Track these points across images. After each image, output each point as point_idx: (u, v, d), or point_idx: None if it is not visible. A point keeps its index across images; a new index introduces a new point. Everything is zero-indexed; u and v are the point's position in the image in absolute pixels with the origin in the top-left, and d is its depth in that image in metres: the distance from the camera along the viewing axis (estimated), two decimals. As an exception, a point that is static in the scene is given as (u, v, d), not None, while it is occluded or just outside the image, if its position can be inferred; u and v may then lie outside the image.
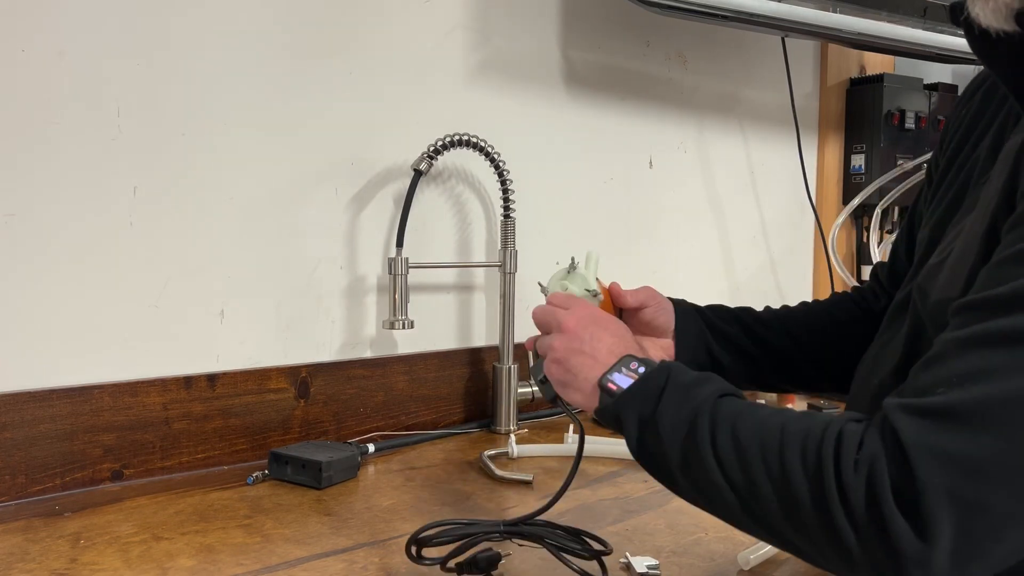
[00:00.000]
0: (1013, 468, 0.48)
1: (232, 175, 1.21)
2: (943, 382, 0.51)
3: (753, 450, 0.57)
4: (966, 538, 0.48)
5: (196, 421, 1.17)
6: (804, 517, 0.54)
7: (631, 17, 1.64)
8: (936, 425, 0.50)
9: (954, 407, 0.50)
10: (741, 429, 0.58)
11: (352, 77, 1.31)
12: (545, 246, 1.52)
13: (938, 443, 0.49)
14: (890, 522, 0.49)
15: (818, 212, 1.99)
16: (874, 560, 0.51)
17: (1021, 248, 0.53)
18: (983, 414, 0.49)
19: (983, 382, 0.50)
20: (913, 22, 1.74)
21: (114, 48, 1.11)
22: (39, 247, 1.07)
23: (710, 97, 1.81)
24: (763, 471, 0.56)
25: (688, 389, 0.64)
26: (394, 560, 0.88)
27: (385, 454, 1.27)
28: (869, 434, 0.53)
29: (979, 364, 0.50)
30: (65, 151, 1.08)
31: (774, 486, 0.55)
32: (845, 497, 0.51)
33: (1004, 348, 0.50)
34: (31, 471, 1.05)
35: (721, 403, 0.62)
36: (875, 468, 0.51)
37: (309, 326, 1.29)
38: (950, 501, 0.48)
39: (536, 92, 1.53)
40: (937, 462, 0.49)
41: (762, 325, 0.97)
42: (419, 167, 1.31)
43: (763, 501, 0.56)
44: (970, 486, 0.48)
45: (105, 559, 0.88)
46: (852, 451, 0.52)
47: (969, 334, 0.52)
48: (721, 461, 0.59)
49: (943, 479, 0.49)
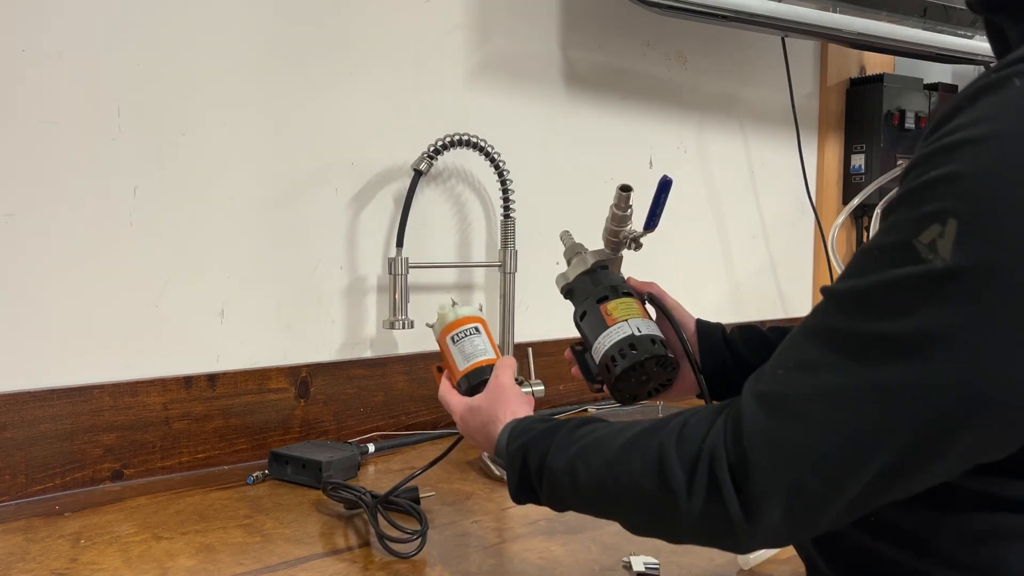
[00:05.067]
0: (822, 456, 0.52)
1: (232, 175, 1.21)
2: (783, 365, 0.56)
3: (603, 475, 0.64)
4: (792, 517, 0.54)
5: (196, 421, 1.17)
6: (655, 508, 0.60)
7: (631, 17, 1.64)
8: (767, 412, 0.55)
9: (783, 396, 0.55)
10: (593, 458, 0.66)
11: (352, 77, 1.31)
12: (545, 246, 1.52)
13: (767, 429, 0.54)
14: (727, 501, 0.55)
15: (818, 212, 1.99)
16: (711, 532, 0.58)
17: (884, 242, 0.53)
18: (799, 405, 0.54)
19: (808, 374, 0.54)
20: (913, 22, 1.74)
21: (114, 48, 1.11)
22: (39, 247, 1.07)
23: (710, 97, 1.81)
24: (614, 487, 0.63)
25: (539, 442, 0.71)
26: (395, 560, 0.88)
27: (385, 454, 1.27)
28: (718, 421, 0.58)
29: (809, 356, 0.55)
30: (65, 151, 1.08)
31: (628, 494, 0.62)
32: (690, 482, 0.57)
33: (831, 345, 0.54)
34: (31, 471, 1.05)
35: (572, 437, 0.69)
36: (716, 454, 0.56)
37: (309, 326, 1.29)
38: (774, 483, 0.53)
39: (536, 92, 1.53)
40: (766, 446, 0.54)
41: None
42: (419, 167, 1.31)
43: (623, 509, 0.64)
44: (789, 470, 0.53)
45: (105, 559, 0.88)
46: (695, 440, 0.58)
47: (814, 324, 0.56)
48: (584, 497, 0.67)
49: (768, 462, 0.54)
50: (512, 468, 0.73)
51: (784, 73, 1.88)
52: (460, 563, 0.87)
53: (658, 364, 0.86)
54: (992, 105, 0.51)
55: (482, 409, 0.82)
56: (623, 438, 0.64)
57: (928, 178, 0.52)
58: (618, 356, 0.85)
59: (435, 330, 0.96)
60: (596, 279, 0.92)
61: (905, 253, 0.51)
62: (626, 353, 0.85)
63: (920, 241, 0.50)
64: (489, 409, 0.81)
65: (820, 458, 0.53)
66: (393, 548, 0.89)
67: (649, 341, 0.85)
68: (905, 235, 0.51)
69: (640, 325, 0.86)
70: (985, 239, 0.49)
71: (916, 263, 0.50)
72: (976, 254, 0.49)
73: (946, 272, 0.49)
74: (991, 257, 0.48)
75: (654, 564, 0.86)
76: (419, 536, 0.89)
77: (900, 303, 0.51)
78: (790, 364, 0.56)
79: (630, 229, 0.93)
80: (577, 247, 0.98)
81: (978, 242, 0.49)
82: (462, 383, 0.90)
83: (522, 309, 1.49)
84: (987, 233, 0.49)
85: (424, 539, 0.90)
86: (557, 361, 0.97)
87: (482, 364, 0.90)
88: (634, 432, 0.64)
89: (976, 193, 0.49)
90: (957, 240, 0.49)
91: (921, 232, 0.50)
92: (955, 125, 0.52)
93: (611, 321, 0.87)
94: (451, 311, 0.94)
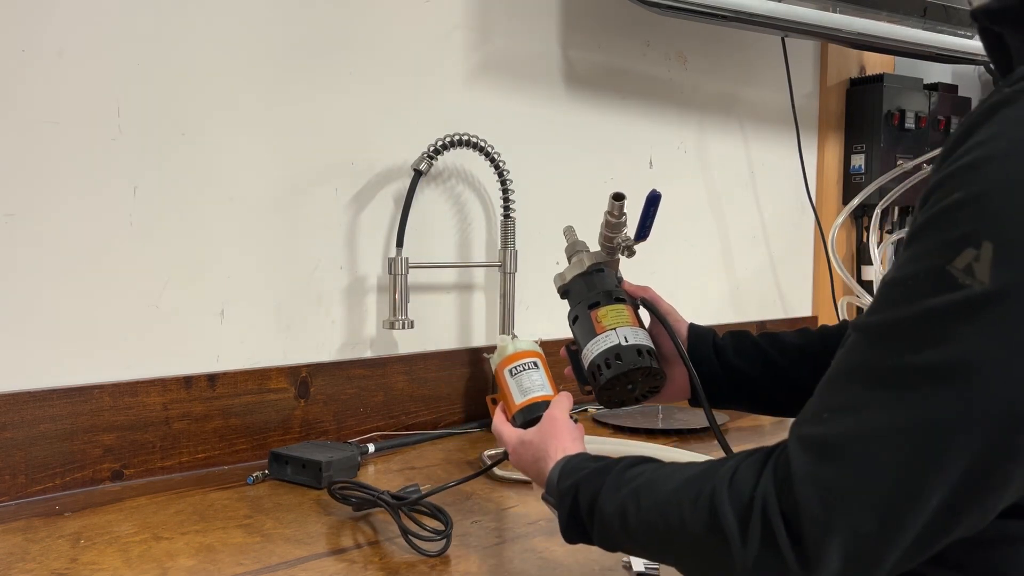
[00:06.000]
0: (876, 498, 0.51)
1: (232, 175, 1.21)
2: (827, 407, 0.55)
3: (654, 519, 0.63)
4: (854, 563, 0.52)
5: (196, 421, 1.17)
6: (708, 556, 0.59)
7: (631, 17, 1.64)
8: (815, 457, 0.53)
9: (828, 439, 0.53)
10: (644, 500, 0.65)
11: (352, 77, 1.31)
12: (545, 246, 1.52)
13: (817, 474, 0.53)
14: (783, 549, 0.53)
15: (818, 212, 1.99)
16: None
17: (915, 270, 0.52)
18: (846, 448, 0.52)
19: (851, 415, 0.53)
20: (913, 22, 1.74)
21: (114, 48, 1.11)
22: (39, 247, 1.07)
23: (710, 97, 1.81)
24: (666, 533, 0.62)
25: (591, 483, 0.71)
26: (395, 560, 0.88)
27: (385, 454, 1.27)
28: (768, 467, 0.57)
29: (850, 396, 0.54)
30: (65, 151, 1.08)
31: (680, 540, 0.61)
32: (744, 531, 0.56)
33: (871, 382, 0.52)
34: (31, 471, 1.05)
35: (623, 478, 0.68)
36: (768, 502, 0.55)
37: (309, 326, 1.29)
38: (829, 529, 0.52)
39: (536, 92, 1.53)
40: (818, 493, 0.52)
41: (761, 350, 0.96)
42: (419, 167, 1.31)
43: (676, 553, 0.63)
44: (844, 516, 0.51)
45: (105, 559, 0.88)
46: (747, 488, 0.57)
47: (850, 362, 0.55)
48: (636, 539, 0.66)
49: (821, 508, 0.52)
50: (563, 507, 0.72)
51: (784, 73, 1.88)
52: (460, 563, 0.87)
53: (643, 374, 0.87)
54: (1010, 120, 0.50)
55: (534, 444, 0.82)
56: (674, 481, 0.63)
57: (953, 201, 0.50)
58: (603, 366, 0.87)
59: (493, 361, 0.96)
60: (591, 283, 0.93)
61: (940, 280, 0.50)
62: (611, 363, 0.86)
63: (955, 267, 0.49)
64: (541, 444, 0.81)
65: (874, 500, 0.51)
66: (420, 546, 0.89)
67: (635, 352, 0.86)
68: (938, 262, 0.50)
69: (628, 334, 0.87)
70: (1023, 259, 0.48)
71: (953, 290, 0.49)
72: (1016, 274, 0.48)
73: (986, 296, 0.48)
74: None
75: (654, 565, 0.86)
76: (444, 537, 0.90)
77: (939, 332, 0.50)
78: (833, 406, 0.54)
79: (624, 235, 0.93)
80: (578, 245, 0.98)
81: (1016, 263, 0.48)
82: (517, 417, 0.91)
83: (522, 309, 1.49)
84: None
85: (449, 538, 0.90)
86: (557, 361, 0.97)
87: (538, 400, 0.90)
88: (685, 476, 0.63)
89: (1008, 211, 0.48)
90: (995, 262, 0.48)
91: (955, 257, 0.49)
92: (974, 143, 0.51)
93: (600, 329, 0.88)
94: (511, 344, 0.95)
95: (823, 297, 2.06)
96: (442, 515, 0.93)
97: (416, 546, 0.90)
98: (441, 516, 0.93)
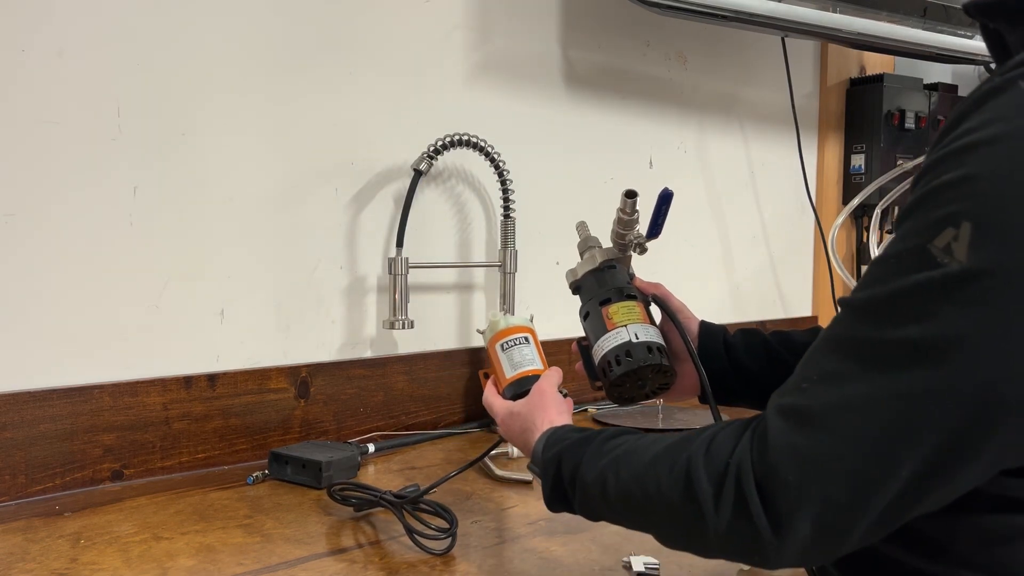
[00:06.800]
0: (849, 468, 0.52)
1: (232, 175, 1.21)
2: (807, 379, 0.56)
3: (632, 487, 0.65)
4: (824, 531, 0.53)
5: (196, 421, 1.17)
6: (683, 523, 0.60)
7: (631, 17, 1.64)
8: (793, 425, 0.55)
9: (808, 408, 0.55)
10: (623, 470, 0.66)
11: (352, 77, 1.31)
12: (545, 246, 1.52)
13: (793, 443, 0.54)
14: (755, 516, 0.55)
15: (818, 212, 1.99)
16: (739, 548, 0.58)
17: (899, 249, 0.53)
18: (824, 417, 0.53)
19: (832, 386, 0.54)
20: (913, 22, 1.74)
21: (114, 48, 1.11)
22: (39, 247, 1.07)
23: (710, 97, 1.81)
24: (643, 500, 0.63)
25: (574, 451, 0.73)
26: (395, 559, 0.88)
27: (385, 454, 1.27)
28: (745, 436, 0.58)
29: (832, 368, 0.55)
30: (65, 151, 1.08)
31: (657, 508, 0.62)
32: (718, 497, 0.57)
33: (852, 355, 0.53)
34: (31, 471, 1.05)
35: (604, 448, 0.69)
36: (743, 469, 0.56)
37: (309, 326, 1.29)
38: (802, 497, 0.53)
39: (536, 92, 1.53)
40: (793, 460, 0.54)
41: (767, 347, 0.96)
42: (419, 167, 1.31)
43: (653, 522, 0.65)
44: (817, 483, 0.53)
45: (105, 559, 0.88)
46: (723, 455, 0.58)
47: (835, 335, 0.56)
48: (614, 507, 0.67)
49: (796, 476, 0.53)
50: (546, 476, 0.74)
51: (784, 73, 1.88)
52: (460, 563, 0.87)
53: (653, 371, 0.87)
54: (1000, 107, 0.51)
55: (522, 415, 0.84)
56: (652, 451, 0.64)
57: (940, 182, 0.51)
58: (614, 362, 0.87)
59: (485, 336, 0.98)
60: (602, 279, 0.93)
61: (921, 258, 0.51)
62: (621, 360, 0.86)
63: (935, 245, 0.50)
64: (528, 415, 0.83)
65: (847, 470, 0.52)
66: (426, 545, 0.90)
67: (645, 349, 0.86)
68: (920, 240, 0.51)
69: (639, 331, 0.87)
70: (1000, 240, 0.49)
71: (932, 267, 0.50)
72: (992, 256, 0.49)
73: (962, 275, 0.49)
74: (1007, 258, 0.48)
75: (654, 564, 0.86)
76: (449, 535, 0.90)
77: (918, 308, 0.51)
78: (813, 377, 0.56)
79: (636, 233, 0.94)
80: (591, 240, 0.98)
81: (993, 244, 0.49)
82: (507, 391, 0.93)
83: (522, 309, 1.49)
84: (1002, 234, 0.49)
85: (455, 536, 0.90)
86: (557, 362, 0.97)
87: (528, 374, 0.93)
88: (663, 445, 0.64)
89: (989, 195, 0.49)
90: (972, 242, 0.49)
91: (936, 236, 0.50)
92: (964, 129, 0.52)
93: (611, 326, 0.88)
94: (503, 319, 0.97)
95: (823, 297, 2.06)
96: (446, 513, 0.93)
97: (422, 544, 0.90)
98: (445, 514, 0.93)
